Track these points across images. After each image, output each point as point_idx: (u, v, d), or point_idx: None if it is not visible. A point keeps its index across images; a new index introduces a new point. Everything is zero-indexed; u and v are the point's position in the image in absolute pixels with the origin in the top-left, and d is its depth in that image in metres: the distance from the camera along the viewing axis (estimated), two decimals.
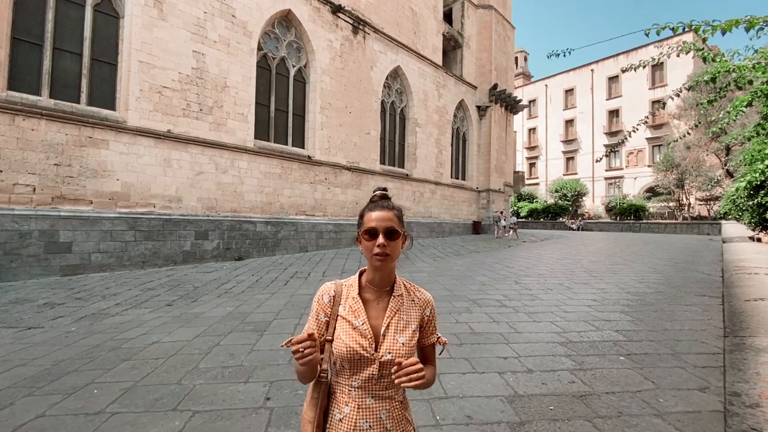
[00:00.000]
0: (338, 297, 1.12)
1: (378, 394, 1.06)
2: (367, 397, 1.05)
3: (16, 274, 6.53)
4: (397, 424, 1.08)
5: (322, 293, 1.13)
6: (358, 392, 1.06)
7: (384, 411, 1.06)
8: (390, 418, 1.06)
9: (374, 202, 1.14)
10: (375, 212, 1.09)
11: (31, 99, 6.99)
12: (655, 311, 5.04)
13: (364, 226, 1.09)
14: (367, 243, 1.07)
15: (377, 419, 1.05)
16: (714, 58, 3.97)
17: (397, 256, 1.10)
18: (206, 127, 9.28)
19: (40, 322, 4.58)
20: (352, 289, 1.13)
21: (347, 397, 1.06)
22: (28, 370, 3.20)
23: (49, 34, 7.33)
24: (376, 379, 1.05)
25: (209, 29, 9.32)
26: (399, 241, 1.09)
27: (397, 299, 1.12)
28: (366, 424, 1.04)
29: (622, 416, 2.43)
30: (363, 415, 1.04)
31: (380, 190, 1.18)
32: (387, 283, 1.13)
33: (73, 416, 2.45)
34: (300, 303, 5.55)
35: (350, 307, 1.10)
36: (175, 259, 8.57)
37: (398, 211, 1.12)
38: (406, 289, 1.15)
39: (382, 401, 1.06)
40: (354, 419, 1.04)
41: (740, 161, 9.88)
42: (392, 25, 15.05)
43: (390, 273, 1.13)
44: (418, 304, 1.14)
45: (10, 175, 6.66)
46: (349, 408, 1.05)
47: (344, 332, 1.07)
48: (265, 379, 3.00)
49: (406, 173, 15.96)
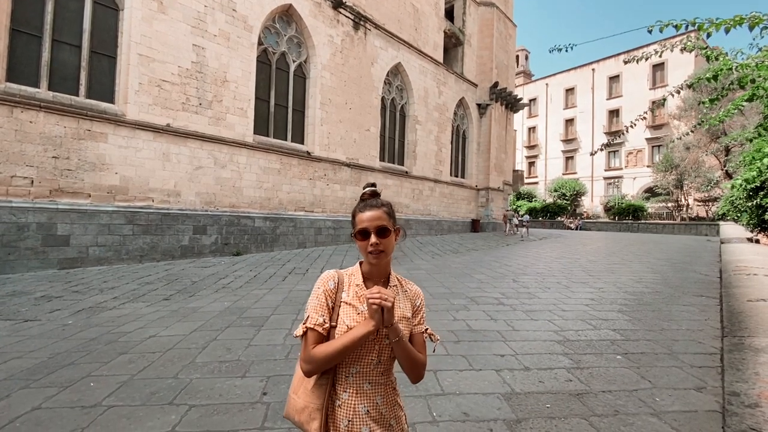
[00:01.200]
0: (341, 284, 1.17)
1: (374, 380, 1.12)
2: (364, 383, 1.11)
3: (14, 267, 6.51)
4: (390, 409, 1.14)
5: (327, 279, 1.17)
6: (356, 378, 1.11)
7: (379, 396, 1.12)
8: (385, 403, 1.13)
9: (364, 200, 1.19)
10: (365, 213, 1.13)
11: (30, 91, 6.94)
12: (652, 311, 5.05)
13: (357, 228, 1.14)
14: (361, 242, 1.13)
15: (373, 404, 1.11)
16: (717, 57, 3.95)
17: (392, 250, 1.16)
18: (205, 122, 9.24)
19: (37, 314, 4.57)
20: (354, 277, 1.18)
21: (345, 384, 1.11)
22: (25, 362, 3.19)
23: (48, 25, 7.26)
24: (374, 365, 1.11)
25: (209, 23, 9.26)
26: (391, 237, 1.14)
27: (393, 289, 1.18)
28: (364, 409, 1.09)
29: (619, 415, 2.43)
30: (360, 400, 1.10)
31: (369, 186, 1.22)
32: (383, 275, 1.19)
33: (69, 409, 2.44)
34: (298, 299, 5.55)
35: (355, 294, 1.15)
36: (173, 254, 8.55)
37: (388, 207, 1.17)
38: (399, 282, 1.23)
39: (377, 387, 1.12)
40: (352, 404, 1.09)
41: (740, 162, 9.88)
42: (393, 21, 14.98)
43: (386, 266, 1.18)
44: (409, 295, 1.22)
45: (8, 167, 6.62)
46: (347, 394, 1.10)
47: (348, 317, 1.11)
48: (262, 374, 2.99)
49: (406, 170, 15.93)
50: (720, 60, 3.90)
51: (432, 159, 17.20)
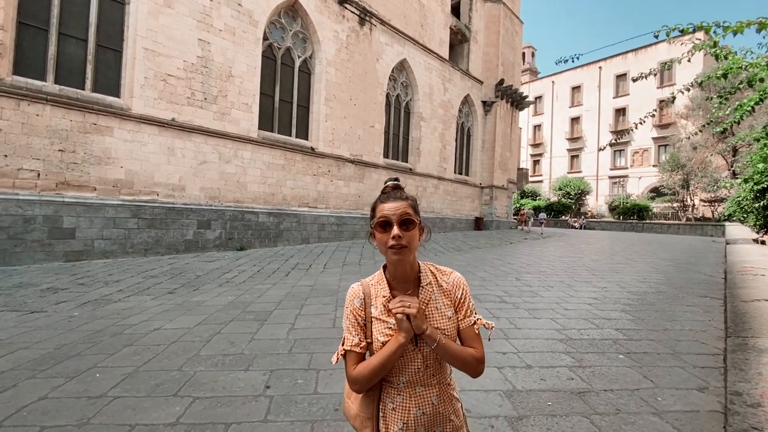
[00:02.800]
0: (368, 298, 1.09)
1: (426, 382, 1.06)
2: (417, 386, 1.06)
3: (20, 259, 6.58)
4: (449, 404, 1.09)
5: (353, 297, 1.10)
6: (406, 386, 1.06)
7: (435, 396, 1.07)
8: (441, 402, 1.08)
9: (386, 193, 1.09)
10: (388, 203, 1.03)
11: (36, 84, 6.98)
12: (655, 311, 5.03)
13: (377, 218, 1.03)
14: (381, 236, 1.02)
15: (429, 404, 1.06)
16: (726, 56, 3.91)
17: (415, 247, 1.05)
18: (210, 117, 9.26)
19: (43, 306, 4.62)
20: (380, 288, 1.09)
21: (397, 389, 1.06)
22: (31, 353, 3.23)
23: (54, 19, 7.29)
24: (422, 372, 1.05)
25: (215, 17, 9.25)
26: (416, 231, 1.04)
27: (426, 289, 1.08)
28: (419, 411, 1.05)
29: (620, 414, 2.43)
30: (415, 402, 1.05)
31: (392, 180, 1.13)
32: (412, 275, 1.08)
33: (76, 399, 2.48)
34: (301, 294, 5.57)
35: (383, 307, 1.07)
36: (177, 248, 8.61)
37: (413, 201, 1.07)
38: (433, 275, 1.11)
39: (430, 388, 1.07)
40: (407, 406, 1.05)
41: (747, 162, 9.80)
42: (399, 17, 14.90)
43: (411, 265, 1.07)
44: (447, 289, 1.10)
45: (15, 160, 6.68)
46: (401, 397, 1.06)
47: (381, 334, 1.05)
48: (266, 368, 3.01)
49: (410, 167, 15.90)
50: (729, 58, 3.86)
51: (436, 156, 17.16)
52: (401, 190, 1.11)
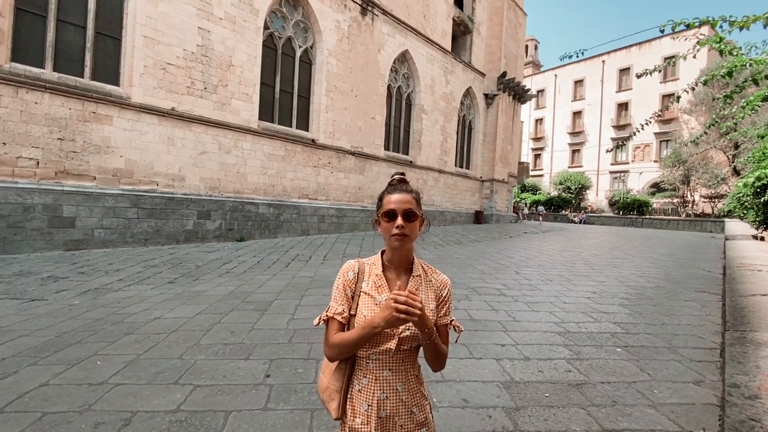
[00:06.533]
0: (361, 274, 1.17)
1: (394, 367, 1.12)
2: (384, 370, 1.11)
3: (20, 247, 6.58)
4: (412, 397, 1.14)
5: (347, 270, 1.18)
6: (375, 364, 1.11)
7: (400, 383, 1.12)
8: (406, 390, 1.12)
9: (393, 185, 1.19)
10: (394, 195, 1.14)
11: (35, 71, 6.91)
12: (653, 305, 5.06)
13: (384, 208, 1.13)
14: (386, 224, 1.12)
15: (393, 390, 1.11)
16: (731, 52, 3.87)
17: (415, 237, 1.15)
18: (210, 106, 9.20)
19: (43, 294, 4.64)
20: (374, 267, 1.18)
21: (365, 369, 1.12)
22: (32, 340, 3.25)
23: (53, 5, 7.19)
24: (393, 353, 1.11)
25: (215, 6, 9.14)
26: (417, 223, 1.14)
27: (416, 279, 1.16)
28: (383, 395, 1.10)
29: (617, 405, 2.46)
30: (380, 386, 1.11)
31: (399, 174, 1.24)
32: (406, 263, 1.18)
33: (77, 386, 2.50)
34: (301, 285, 5.59)
35: (374, 283, 1.15)
36: (177, 238, 8.61)
37: (416, 194, 1.18)
38: (423, 270, 1.20)
39: (398, 374, 1.12)
40: (372, 390, 1.10)
41: (749, 158, 9.77)
42: (402, 7, 14.73)
43: (408, 253, 1.18)
44: (435, 285, 1.19)
45: (14, 148, 6.64)
46: (366, 379, 1.12)
47: (366, 307, 1.12)
48: (266, 357, 3.04)
49: (410, 160, 15.85)
50: (735, 55, 3.83)
51: (437, 149, 17.09)
52: (407, 183, 1.22)
